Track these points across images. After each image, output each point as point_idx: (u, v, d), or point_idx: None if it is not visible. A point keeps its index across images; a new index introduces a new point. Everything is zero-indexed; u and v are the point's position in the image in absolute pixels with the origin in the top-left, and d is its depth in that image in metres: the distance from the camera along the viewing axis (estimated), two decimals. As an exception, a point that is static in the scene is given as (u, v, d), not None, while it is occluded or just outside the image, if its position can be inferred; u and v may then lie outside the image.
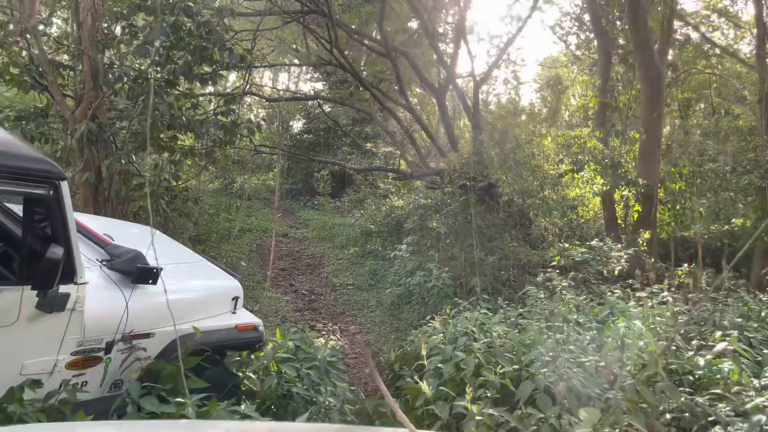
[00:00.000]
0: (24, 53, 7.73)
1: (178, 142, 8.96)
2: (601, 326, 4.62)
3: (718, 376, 3.64)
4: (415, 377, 4.61)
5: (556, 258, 7.87)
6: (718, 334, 4.19)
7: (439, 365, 4.21)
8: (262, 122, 9.55)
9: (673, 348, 3.82)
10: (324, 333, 7.73)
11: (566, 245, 8.22)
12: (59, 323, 3.12)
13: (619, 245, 7.42)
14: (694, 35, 13.13)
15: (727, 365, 3.76)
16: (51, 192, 2.98)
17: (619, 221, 10.67)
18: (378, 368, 6.39)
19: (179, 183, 9.00)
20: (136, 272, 3.50)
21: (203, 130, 8.11)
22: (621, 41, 12.02)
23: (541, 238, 9.30)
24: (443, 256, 8.72)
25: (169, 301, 3.43)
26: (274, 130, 17.86)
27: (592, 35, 16.19)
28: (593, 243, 7.35)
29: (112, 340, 3.38)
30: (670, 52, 11.81)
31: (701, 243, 10.02)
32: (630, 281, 6.21)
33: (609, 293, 5.90)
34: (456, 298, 6.86)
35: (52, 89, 7.35)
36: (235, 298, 4.27)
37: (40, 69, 7.46)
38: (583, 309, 4.66)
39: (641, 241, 8.78)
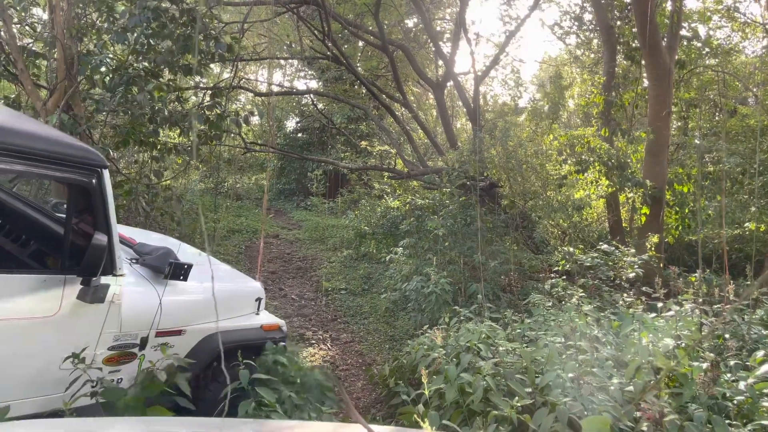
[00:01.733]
0: (-6, 40, 7.21)
1: (162, 138, 8.47)
2: (621, 341, 4.14)
3: (766, 403, 3.15)
4: (413, 395, 4.13)
5: (561, 263, 7.40)
6: (761, 353, 3.69)
7: (441, 386, 3.71)
8: (250, 115, 8.99)
9: (709, 369, 3.33)
10: (314, 342, 7.23)
11: (570, 249, 7.75)
12: (98, 316, 3.09)
13: (633, 250, 6.93)
14: (702, 32, 12.72)
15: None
16: (94, 180, 2.99)
17: (624, 224, 10.21)
18: (371, 383, 5.89)
19: (161, 181, 8.48)
20: (169, 268, 3.50)
21: (186, 124, 7.61)
22: (627, 37, 11.56)
23: (545, 242, 8.82)
24: (441, 259, 8.22)
25: (198, 300, 3.62)
26: (266, 128, 17.36)
27: (592, 35, 15.81)
28: (604, 247, 6.86)
29: (146, 336, 3.36)
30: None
31: (712, 247, 9.60)
32: (644, 288, 5.73)
33: (622, 302, 5.43)
34: (455, 306, 6.37)
35: (22, 78, 6.82)
36: (258, 299, 4.37)
37: (11, 56, 6.96)
38: (601, 322, 4.16)
39: (649, 245, 8.32)
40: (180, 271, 3.53)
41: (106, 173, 3.08)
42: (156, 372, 3.21)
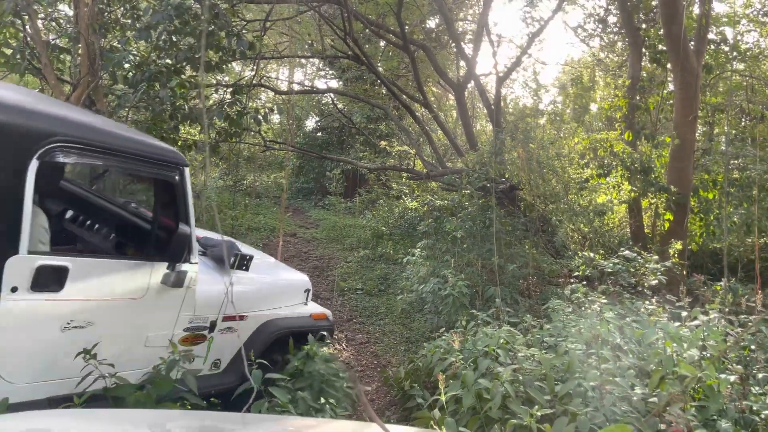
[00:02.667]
0: (20, 34, 7.28)
1: (183, 134, 8.50)
2: (644, 350, 4.03)
3: (795, 420, 3.03)
4: (429, 400, 4.07)
5: (581, 268, 7.27)
6: (791, 367, 3.57)
7: (458, 391, 3.63)
8: (270, 112, 8.97)
9: (737, 382, 3.21)
10: (329, 341, 7.19)
11: (591, 254, 7.62)
12: (177, 299, 3.41)
13: (655, 256, 6.78)
14: (729, 35, 12.45)
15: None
16: (177, 176, 3.35)
17: (646, 230, 10.03)
18: (386, 385, 5.83)
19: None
20: (234, 259, 3.84)
21: (207, 121, 7.61)
22: (653, 39, 11.36)
23: (565, 246, 8.68)
24: (459, 262, 8.13)
25: (257, 289, 4.07)
26: (286, 127, 17.39)
27: (616, 38, 15.59)
28: (626, 253, 6.72)
29: (215, 320, 3.70)
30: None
31: (737, 255, 9.39)
32: (668, 296, 5.59)
33: (644, 310, 5.30)
34: (472, 309, 6.28)
35: (46, 72, 6.87)
36: (307, 291, 4.72)
37: (36, 51, 7.01)
38: (623, 330, 4.05)
39: (672, 252, 8.15)
40: (243, 262, 3.89)
41: (186, 170, 3.43)
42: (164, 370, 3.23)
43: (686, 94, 9.13)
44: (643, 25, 11.78)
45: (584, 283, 6.47)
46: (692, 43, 9.46)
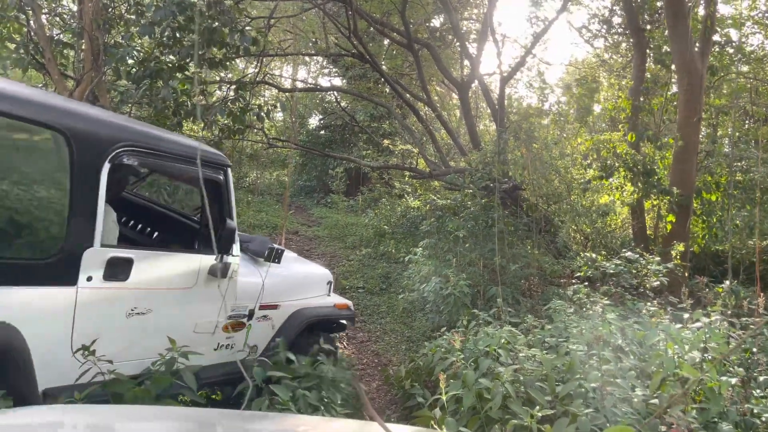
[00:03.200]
0: (24, 29, 7.28)
1: (186, 131, 8.51)
2: (645, 351, 4.02)
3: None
4: (429, 399, 4.06)
5: (583, 268, 7.25)
6: (792, 370, 3.55)
7: (458, 391, 3.63)
8: (273, 109, 8.96)
9: (738, 385, 3.20)
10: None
11: (593, 255, 7.60)
12: (222, 289, 3.69)
13: (657, 258, 6.76)
14: (734, 37, 12.41)
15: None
16: (222, 176, 3.73)
17: (648, 232, 10.00)
18: (386, 384, 5.83)
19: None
20: (269, 253, 4.21)
21: (210, 118, 7.61)
22: (657, 41, 11.32)
23: (567, 247, 8.66)
24: (461, 261, 8.12)
25: (288, 281, 4.43)
26: (289, 124, 17.39)
27: (621, 38, 15.54)
28: (628, 255, 6.71)
29: (253, 308, 4.05)
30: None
31: (739, 257, 9.36)
32: (671, 298, 5.58)
33: (646, 311, 5.28)
34: (474, 309, 6.27)
35: (49, 67, 6.87)
36: (329, 283, 5.04)
37: (39, 46, 7.02)
38: (625, 331, 4.04)
39: (674, 254, 8.13)
40: (276, 256, 4.26)
41: (229, 171, 3.81)
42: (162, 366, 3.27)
43: (690, 95, 9.09)
44: (648, 26, 11.75)
45: (586, 284, 6.46)
46: (697, 44, 9.43)
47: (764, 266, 9.81)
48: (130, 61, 7.31)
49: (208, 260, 3.59)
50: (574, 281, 6.71)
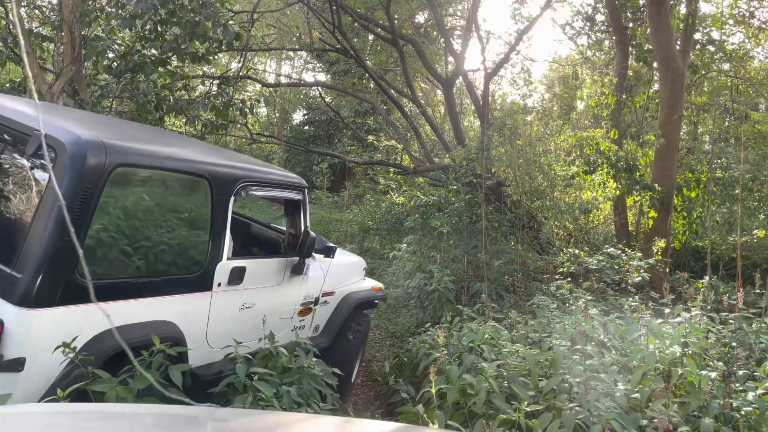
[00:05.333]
0: (2, 22, 7.15)
1: (168, 126, 8.41)
2: (627, 346, 4.06)
3: (772, 416, 3.05)
4: (416, 396, 4.07)
5: (566, 264, 7.31)
6: (771, 364, 3.60)
7: (442, 386, 3.63)
8: (256, 104, 8.89)
9: (718, 379, 3.24)
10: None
11: (576, 251, 7.66)
12: (299, 283, 4.62)
13: (639, 254, 6.83)
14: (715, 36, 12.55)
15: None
16: (301, 197, 4.60)
17: (630, 228, 10.10)
18: (371, 379, 5.83)
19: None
20: (327, 249, 4.95)
21: (192, 112, 7.53)
22: (639, 39, 11.42)
23: (550, 243, 8.71)
24: (445, 257, 8.14)
25: (338, 271, 5.23)
26: (273, 120, 17.28)
27: (604, 36, 15.64)
28: (611, 250, 6.76)
29: (318, 296, 4.90)
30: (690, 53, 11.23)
31: (719, 253, 9.48)
32: (652, 293, 5.63)
33: (628, 306, 5.34)
34: (458, 305, 6.29)
35: (28, 60, 6.74)
36: (364, 269, 5.97)
37: (18, 38, 6.88)
38: (607, 326, 4.07)
39: (656, 250, 8.21)
40: (330, 252, 4.98)
41: (306, 191, 4.68)
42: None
43: (672, 93, 9.17)
44: (630, 24, 11.83)
45: (569, 279, 6.50)
46: (678, 42, 9.52)
47: (744, 262, 9.97)
48: (111, 55, 7.20)
49: (292, 262, 4.45)
50: (557, 277, 6.75)
